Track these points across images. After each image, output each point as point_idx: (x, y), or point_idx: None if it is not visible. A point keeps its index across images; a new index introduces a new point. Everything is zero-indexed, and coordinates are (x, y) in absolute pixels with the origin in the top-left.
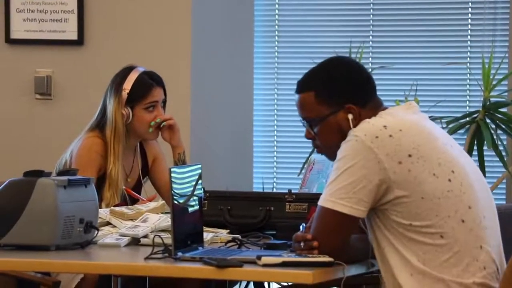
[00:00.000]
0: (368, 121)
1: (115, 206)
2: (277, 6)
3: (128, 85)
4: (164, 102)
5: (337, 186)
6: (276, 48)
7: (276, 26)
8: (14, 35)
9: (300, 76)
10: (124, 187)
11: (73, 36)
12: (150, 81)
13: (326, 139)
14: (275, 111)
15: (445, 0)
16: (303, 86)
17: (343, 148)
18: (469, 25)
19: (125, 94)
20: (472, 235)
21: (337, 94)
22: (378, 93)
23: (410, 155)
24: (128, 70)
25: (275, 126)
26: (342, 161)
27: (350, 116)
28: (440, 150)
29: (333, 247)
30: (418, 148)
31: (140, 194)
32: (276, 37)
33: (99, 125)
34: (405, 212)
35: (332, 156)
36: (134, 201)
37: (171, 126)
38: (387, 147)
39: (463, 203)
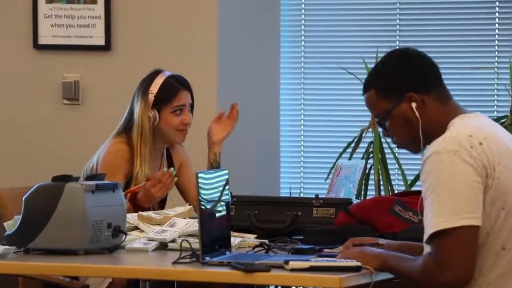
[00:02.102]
0: (452, 136)
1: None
2: (303, 11)
3: (154, 88)
4: (192, 106)
5: (451, 204)
6: (302, 53)
7: (302, 31)
8: (42, 40)
9: (326, 82)
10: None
11: (100, 41)
12: (177, 85)
13: (398, 132)
14: (302, 115)
15: (472, 4)
16: (364, 86)
17: (437, 166)
18: (497, 30)
19: (151, 97)
20: None
21: (395, 86)
22: None
23: (499, 163)
24: (155, 74)
25: (302, 131)
26: (442, 178)
27: (413, 105)
28: None
29: (472, 266)
30: (502, 156)
31: (165, 201)
32: (302, 42)
33: (126, 128)
34: (484, 219)
35: (412, 149)
36: (161, 206)
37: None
38: (481, 155)
39: None
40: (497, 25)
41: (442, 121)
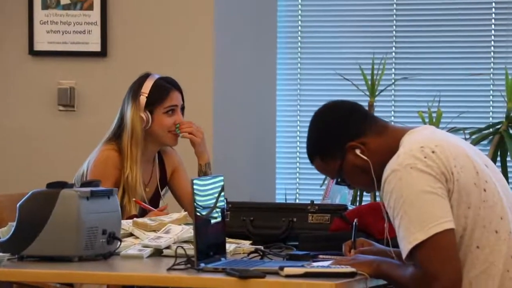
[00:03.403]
0: (405, 152)
1: (132, 216)
2: (299, 17)
3: (146, 90)
4: (183, 108)
5: (420, 216)
6: (299, 59)
7: (299, 37)
8: (38, 47)
9: (322, 88)
10: (134, 199)
11: (96, 47)
12: (168, 85)
13: (359, 181)
14: (298, 122)
15: (468, 11)
16: (309, 157)
17: (397, 184)
18: (493, 36)
19: (143, 98)
20: (504, 246)
21: (333, 145)
22: (401, 104)
23: (455, 165)
24: (144, 77)
25: (298, 137)
26: (404, 194)
27: (357, 151)
28: (472, 159)
29: (457, 269)
30: (457, 159)
31: (158, 205)
32: (299, 48)
33: (116, 134)
34: (455, 223)
35: (379, 189)
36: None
37: (190, 141)
38: (437, 162)
39: (496, 214)
40: (493, 31)
41: (392, 148)
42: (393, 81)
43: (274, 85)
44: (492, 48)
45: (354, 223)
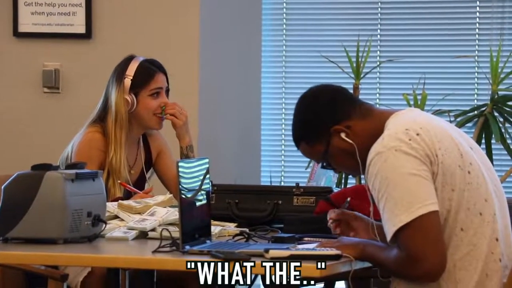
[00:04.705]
0: (390, 134)
1: (117, 198)
2: None
3: (130, 72)
4: (167, 90)
5: (405, 198)
6: (284, 41)
7: (284, 20)
8: (22, 28)
9: (307, 70)
10: (119, 181)
11: (81, 29)
12: (153, 67)
13: (344, 165)
14: (283, 104)
15: None
16: (294, 142)
17: (382, 166)
18: (477, 18)
19: (128, 81)
20: (489, 228)
21: (317, 129)
22: (386, 86)
23: (439, 148)
24: (128, 59)
25: (283, 120)
26: (389, 176)
27: (342, 135)
28: (456, 141)
29: (442, 252)
30: (442, 141)
31: (143, 187)
32: (284, 31)
33: (101, 117)
34: (440, 206)
35: (364, 172)
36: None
37: (172, 123)
38: (421, 144)
39: (481, 196)
40: (477, 13)
41: (377, 131)
42: (378, 63)
43: (259, 67)
44: (477, 30)
45: (347, 201)
